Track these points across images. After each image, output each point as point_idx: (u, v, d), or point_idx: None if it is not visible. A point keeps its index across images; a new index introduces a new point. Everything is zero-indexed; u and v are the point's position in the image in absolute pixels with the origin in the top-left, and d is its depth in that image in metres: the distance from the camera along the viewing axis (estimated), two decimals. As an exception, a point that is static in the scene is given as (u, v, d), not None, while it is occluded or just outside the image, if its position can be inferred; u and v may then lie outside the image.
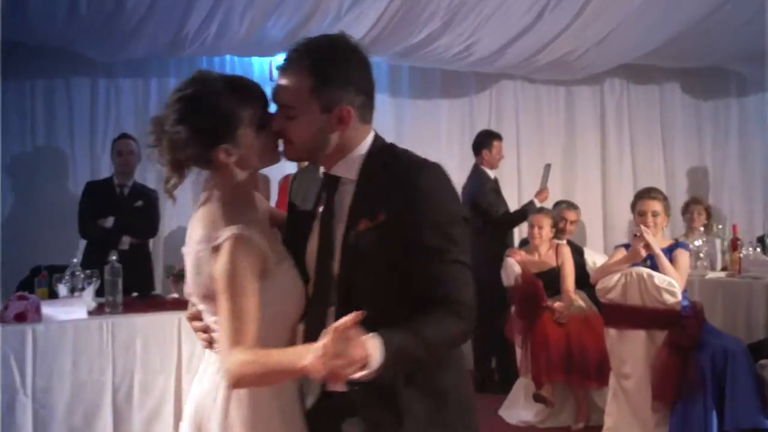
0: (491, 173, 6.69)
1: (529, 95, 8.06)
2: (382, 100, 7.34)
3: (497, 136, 6.73)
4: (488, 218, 6.45)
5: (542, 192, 6.70)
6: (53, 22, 5.70)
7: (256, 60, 7.04)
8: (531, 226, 6.12)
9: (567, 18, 6.48)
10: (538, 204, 6.56)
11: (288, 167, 5.53)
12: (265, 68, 6.90)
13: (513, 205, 6.93)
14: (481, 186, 6.53)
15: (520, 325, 5.70)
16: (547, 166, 6.83)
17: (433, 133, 7.62)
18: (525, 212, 6.51)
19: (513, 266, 5.93)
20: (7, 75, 6.32)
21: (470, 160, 6.78)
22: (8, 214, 6.44)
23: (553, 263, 5.94)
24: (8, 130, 6.37)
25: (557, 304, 5.64)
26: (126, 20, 5.72)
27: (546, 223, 6.04)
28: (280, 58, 1.98)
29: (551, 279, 5.81)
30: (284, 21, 6.00)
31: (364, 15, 6.06)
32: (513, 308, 5.84)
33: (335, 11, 5.94)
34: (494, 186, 6.66)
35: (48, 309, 4.32)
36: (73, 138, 6.66)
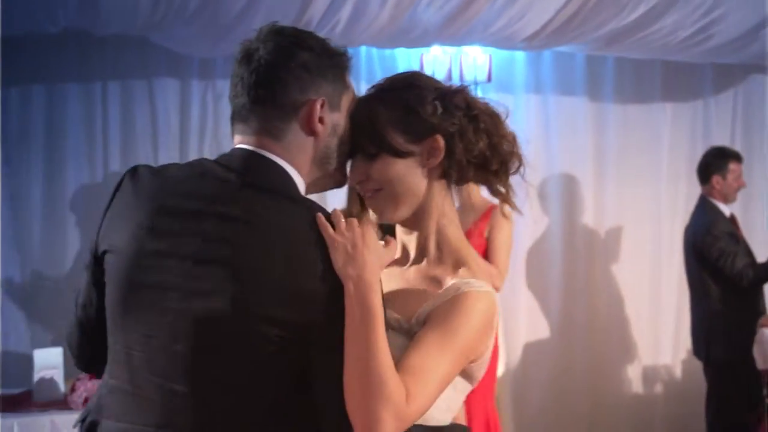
0: (726, 209, 6.63)
1: (791, 96, 7.88)
2: (577, 104, 7.58)
3: (735, 156, 6.69)
4: (720, 273, 6.37)
5: None
6: (131, 8, 5.80)
7: (401, 52, 7.17)
8: None
9: None
10: None
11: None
12: (413, 63, 7.00)
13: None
14: (711, 227, 6.47)
15: None
16: None
17: (650, 149, 7.58)
18: None
19: None
20: (69, 76, 6.64)
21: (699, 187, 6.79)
22: (72, 263, 6.64)
23: (835, 338, 5.79)
24: (72, 152, 6.65)
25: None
26: (225, 6, 5.82)
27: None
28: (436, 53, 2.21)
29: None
30: (441, 1, 6.08)
31: (555, -13, 6.08)
32: None
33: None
34: (729, 228, 6.57)
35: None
36: (157, 160, 6.77)
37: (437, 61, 6.86)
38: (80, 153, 6.69)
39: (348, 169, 2.31)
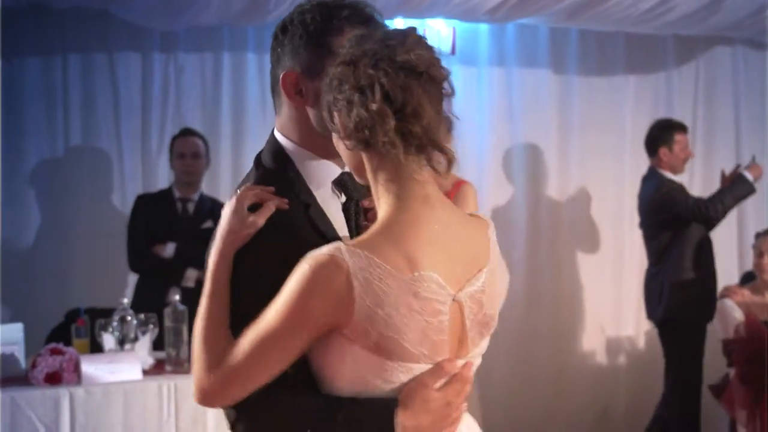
0: (675, 179, 6.71)
1: (756, 68, 7.89)
2: (541, 77, 7.56)
3: (680, 127, 6.75)
4: (681, 215, 6.48)
5: (755, 166, 6.62)
6: None
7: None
8: (759, 254, 6.12)
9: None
10: (750, 178, 6.49)
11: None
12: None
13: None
14: (659, 185, 6.61)
15: (743, 394, 5.66)
16: None
17: (613, 122, 7.58)
18: (738, 193, 6.50)
19: (732, 310, 5.96)
20: (28, 50, 6.56)
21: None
22: (34, 238, 6.63)
23: (794, 307, 5.84)
24: (32, 126, 6.58)
25: (801, 367, 5.52)
26: None
27: (781, 248, 5.97)
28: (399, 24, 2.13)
29: (791, 330, 5.70)
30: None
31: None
32: (733, 371, 5.83)
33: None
34: (677, 185, 6.70)
35: (90, 367, 4.43)
36: (120, 134, 6.80)
37: (400, 34, 6.80)
38: (40, 127, 6.63)
39: None
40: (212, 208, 6.04)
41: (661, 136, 6.66)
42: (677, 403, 6.50)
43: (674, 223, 6.49)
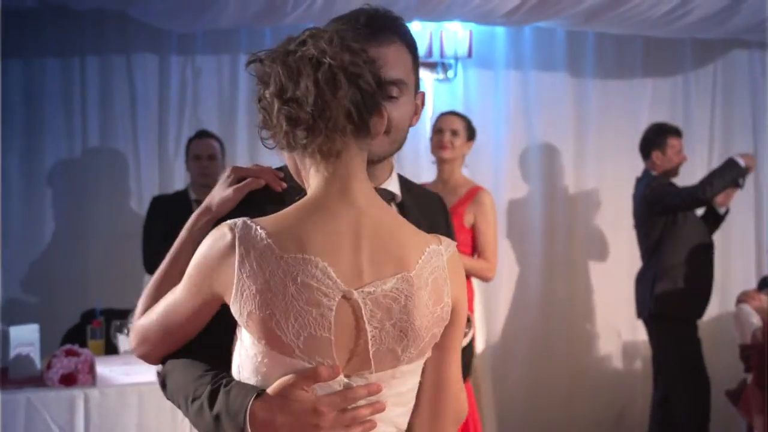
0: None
1: (774, 70, 7.89)
2: (557, 80, 7.55)
3: (674, 132, 6.75)
4: (672, 204, 6.49)
5: (749, 156, 6.63)
6: None
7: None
8: None
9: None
10: (742, 163, 6.47)
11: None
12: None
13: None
14: (650, 181, 6.64)
15: (761, 400, 5.60)
16: None
17: (630, 125, 7.53)
18: (727, 175, 6.47)
19: (750, 316, 5.93)
20: (47, 51, 6.59)
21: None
22: (50, 239, 6.65)
23: (813, 312, 5.82)
24: (50, 126, 6.61)
25: (820, 373, 5.49)
26: None
27: (798, 252, 5.96)
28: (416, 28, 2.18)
29: (810, 335, 5.69)
30: (419, -23, 6.04)
31: (535, -40, 6.08)
32: (750, 377, 5.80)
33: (494, -43, 5.96)
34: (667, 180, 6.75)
35: (105, 368, 4.45)
36: (137, 136, 6.83)
37: (418, 37, 6.76)
38: (58, 128, 6.66)
39: None
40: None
41: (655, 139, 6.68)
42: (684, 400, 6.50)
43: (666, 216, 6.52)
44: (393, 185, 2.35)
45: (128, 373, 4.45)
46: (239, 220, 1.89)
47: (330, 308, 1.85)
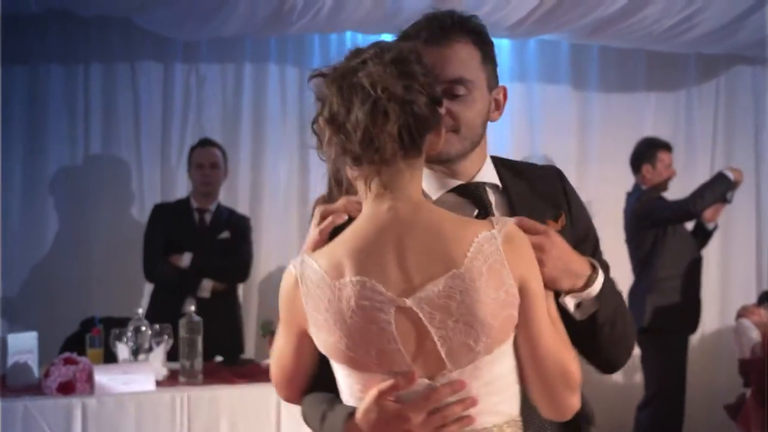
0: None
1: (777, 86, 7.91)
2: (561, 93, 7.52)
3: (664, 146, 6.79)
4: (662, 217, 6.52)
5: (737, 170, 6.65)
6: None
7: (387, 38, 7.04)
8: None
9: None
10: (731, 176, 6.50)
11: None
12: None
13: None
14: (640, 195, 6.69)
15: (760, 415, 5.63)
16: None
17: (633, 138, 7.49)
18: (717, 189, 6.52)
19: (750, 331, 6.00)
20: (51, 57, 6.57)
21: (682, 173, 6.93)
22: (51, 245, 6.63)
23: (813, 328, 5.84)
24: (53, 133, 6.59)
25: (819, 389, 5.50)
26: None
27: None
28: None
29: (808, 351, 5.73)
30: (426, -14, 6.02)
31: (540, -26, 6.09)
32: (749, 391, 5.82)
33: (498, -29, 5.97)
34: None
35: (103, 377, 4.43)
36: (140, 143, 6.82)
37: (422, 48, 6.80)
38: (61, 134, 6.65)
39: None
40: (229, 219, 6.06)
41: (645, 153, 6.70)
42: (661, 409, 6.53)
43: (656, 229, 6.54)
44: (487, 175, 2.32)
45: (126, 382, 4.41)
46: (299, 257, 2.02)
47: (388, 321, 1.91)
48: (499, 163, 2.39)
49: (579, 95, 7.62)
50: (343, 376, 2.01)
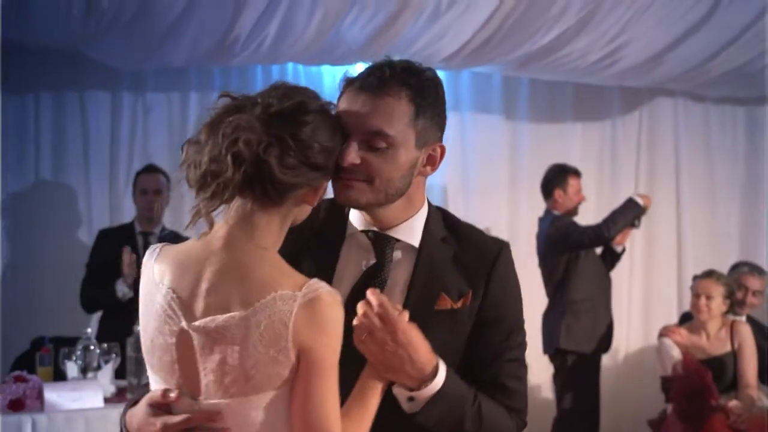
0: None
1: (695, 118, 8.11)
2: (493, 122, 7.62)
3: (573, 172, 6.85)
4: (576, 242, 6.56)
5: (645, 196, 6.77)
6: (64, 19, 5.73)
7: (327, 70, 7.18)
8: (696, 296, 6.12)
9: (751, 12, 6.39)
10: (640, 202, 6.59)
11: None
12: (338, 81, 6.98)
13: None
14: (553, 220, 6.71)
15: (680, 429, 5.68)
16: None
17: (560, 167, 7.66)
18: (629, 214, 6.61)
19: (671, 349, 5.97)
20: (3, 87, 6.54)
21: (607, 199, 7.00)
22: (2, 268, 6.59)
23: (727, 347, 5.95)
24: (3, 160, 6.56)
25: (733, 404, 5.60)
26: (159, 17, 5.77)
27: (717, 291, 6.03)
28: (359, 69, 2.20)
29: (724, 369, 5.83)
30: (365, 20, 6.02)
31: (472, 10, 6.04)
32: (671, 407, 5.86)
33: (433, 6, 5.93)
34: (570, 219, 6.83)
35: (52, 394, 4.44)
36: (89, 170, 6.83)
37: (360, 79, 6.84)
38: (12, 162, 6.59)
39: None
40: (174, 242, 6.00)
41: (556, 178, 6.75)
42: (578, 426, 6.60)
43: (569, 254, 6.61)
44: (409, 231, 2.27)
45: (76, 399, 4.42)
46: (159, 245, 2.13)
47: (171, 335, 1.97)
48: (442, 219, 2.33)
49: (510, 124, 7.70)
50: (150, 373, 2.08)
